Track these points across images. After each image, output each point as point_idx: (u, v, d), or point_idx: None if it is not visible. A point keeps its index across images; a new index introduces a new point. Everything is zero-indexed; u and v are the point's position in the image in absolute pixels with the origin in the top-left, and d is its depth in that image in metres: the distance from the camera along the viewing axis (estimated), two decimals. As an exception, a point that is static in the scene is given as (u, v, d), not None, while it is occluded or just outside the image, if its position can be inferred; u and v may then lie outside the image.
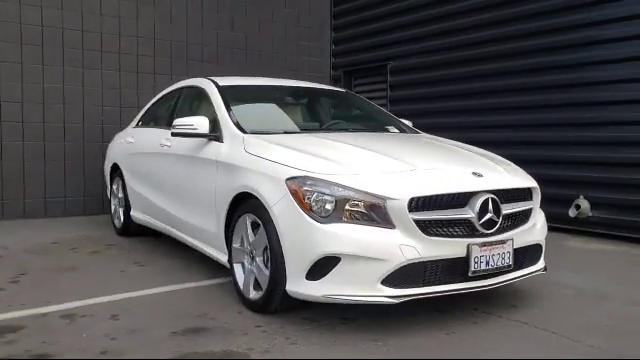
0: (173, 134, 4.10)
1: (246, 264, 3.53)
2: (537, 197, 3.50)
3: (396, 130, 4.67)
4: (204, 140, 4.08)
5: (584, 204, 5.78)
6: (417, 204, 2.99)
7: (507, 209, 3.25)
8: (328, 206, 3.02)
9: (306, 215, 3.04)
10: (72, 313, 3.43)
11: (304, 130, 4.34)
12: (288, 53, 8.76)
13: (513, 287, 3.81)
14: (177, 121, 4.07)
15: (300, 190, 3.09)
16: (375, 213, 3.00)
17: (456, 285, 3.10)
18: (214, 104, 4.24)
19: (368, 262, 2.93)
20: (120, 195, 5.78)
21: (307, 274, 3.04)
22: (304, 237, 3.04)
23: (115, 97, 7.31)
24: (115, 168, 5.89)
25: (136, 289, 3.91)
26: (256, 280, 3.44)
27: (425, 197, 3.02)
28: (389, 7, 8.18)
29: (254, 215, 3.41)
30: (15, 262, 4.68)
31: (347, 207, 3.01)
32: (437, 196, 3.05)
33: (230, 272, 3.69)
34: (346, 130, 4.48)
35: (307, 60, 8.96)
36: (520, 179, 3.50)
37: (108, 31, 7.22)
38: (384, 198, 2.97)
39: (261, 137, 3.78)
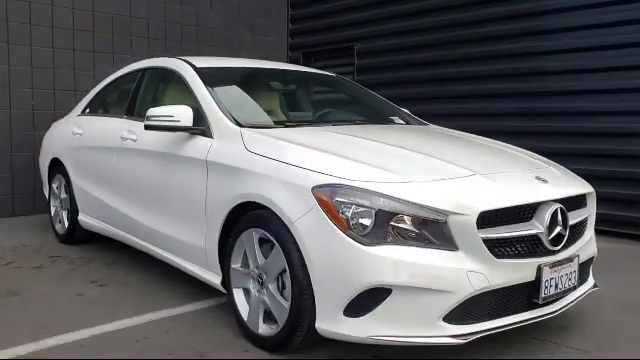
0: (147, 127, 3.31)
1: (252, 291, 2.84)
2: (593, 203, 3.02)
3: (401, 121, 4.08)
4: (185, 134, 3.32)
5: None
6: (484, 219, 2.42)
7: (572, 220, 2.75)
8: (369, 222, 2.39)
9: (343, 234, 2.39)
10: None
11: (306, 122, 3.66)
12: (243, 31, 7.96)
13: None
14: (152, 111, 3.29)
15: (332, 201, 2.44)
16: (430, 231, 2.39)
17: (524, 315, 2.56)
18: (195, 91, 3.48)
19: (427, 294, 2.33)
20: (63, 196, 4.87)
21: (345, 309, 2.41)
22: (342, 262, 2.39)
23: (48, 79, 6.28)
24: (55, 163, 4.97)
25: (105, 321, 3.13)
26: (267, 312, 2.77)
27: (497, 210, 2.44)
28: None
29: (263, 230, 2.73)
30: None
31: (393, 223, 2.39)
32: (507, 209, 2.49)
33: (216, 293, 3.00)
34: (353, 122, 3.82)
35: (263, 39, 8.20)
36: (579, 183, 3.00)
37: (38, 0, 6.16)
38: (446, 212, 2.37)
39: (264, 132, 3.08)
